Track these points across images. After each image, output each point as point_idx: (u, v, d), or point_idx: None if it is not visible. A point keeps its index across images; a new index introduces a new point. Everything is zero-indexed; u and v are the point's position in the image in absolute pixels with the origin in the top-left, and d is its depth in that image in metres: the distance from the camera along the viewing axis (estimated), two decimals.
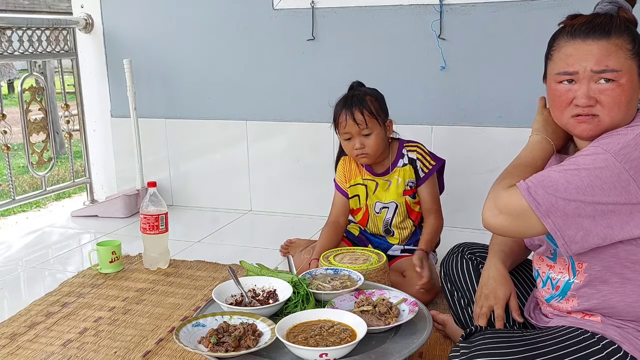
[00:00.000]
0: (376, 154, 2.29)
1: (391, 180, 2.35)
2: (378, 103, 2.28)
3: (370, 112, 2.24)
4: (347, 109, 2.24)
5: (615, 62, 1.26)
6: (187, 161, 3.56)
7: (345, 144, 2.31)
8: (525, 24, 2.77)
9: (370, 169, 2.38)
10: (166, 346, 1.90)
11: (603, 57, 1.26)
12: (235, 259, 2.58)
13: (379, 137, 2.27)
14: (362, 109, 2.23)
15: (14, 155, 4.75)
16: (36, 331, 2.03)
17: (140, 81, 3.43)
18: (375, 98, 2.30)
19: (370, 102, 2.26)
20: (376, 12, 3.02)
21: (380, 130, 2.26)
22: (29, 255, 2.84)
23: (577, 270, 1.33)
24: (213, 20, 3.33)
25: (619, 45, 1.26)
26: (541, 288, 1.45)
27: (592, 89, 1.27)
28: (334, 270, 1.92)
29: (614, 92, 1.26)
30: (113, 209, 3.38)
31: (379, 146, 2.28)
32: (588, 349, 1.25)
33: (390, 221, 2.38)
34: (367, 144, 2.25)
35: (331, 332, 1.52)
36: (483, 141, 2.96)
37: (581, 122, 1.30)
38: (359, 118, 2.23)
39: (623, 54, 1.26)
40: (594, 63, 1.26)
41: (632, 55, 1.27)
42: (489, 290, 1.55)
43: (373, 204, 2.39)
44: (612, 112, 1.27)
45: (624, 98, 1.26)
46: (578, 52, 1.28)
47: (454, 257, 1.73)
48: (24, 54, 3.25)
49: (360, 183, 2.40)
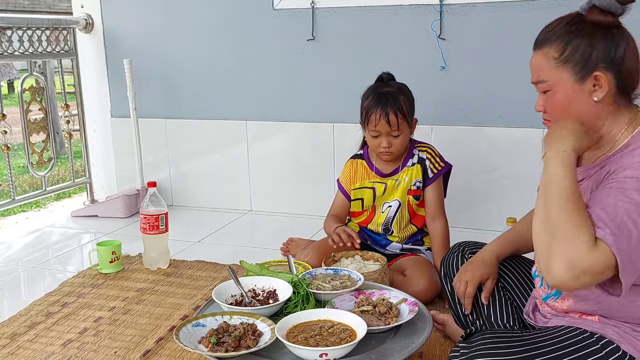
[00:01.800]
0: (399, 153, 2.30)
1: (399, 179, 2.33)
2: (409, 102, 2.27)
3: (403, 115, 2.21)
4: (382, 109, 2.19)
5: (543, 73, 1.30)
6: (187, 161, 3.56)
7: (372, 140, 2.28)
8: (525, 24, 2.76)
9: (379, 172, 2.37)
10: (165, 346, 1.90)
11: (535, 69, 1.32)
12: (235, 259, 2.58)
13: (406, 138, 2.27)
14: (397, 111, 2.19)
15: (14, 155, 4.75)
16: (36, 331, 2.03)
17: (140, 81, 3.43)
18: (407, 97, 2.27)
19: (403, 102, 2.23)
20: (376, 12, 3.02)
21: (408, 130, 2.27)
22: (29, 255, 2.84)
23: None
24: (213, 20, 3.33)
25: (546, 54, 1.29)
26: (539, 287, 1.45)
27: (542, 98, 1.33)
28: (334, 270, 1.93)
29: (549, 102, 1.31)
30: (113, 209, 3.38)
31: (403, 146, 2.28)
32: (587, 348, 1.26)
33: (391, 220, 2.36)
34: (394, 144, 2.24)
35: (331, 332, 1.52)
36: (483, 141, 2.96)
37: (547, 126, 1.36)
38: (393, 120, 2.19)
39: (548, 63, 1.29)
40: (532, 75, 1.33)
41: (558, 63, 1.27)
42: (470, 267, 1.63)
43: (381, 205, 2.37)
44: (556, 117, 1.31)
45: (559, 106, 1.29)
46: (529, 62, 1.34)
47: (454, 256, 1.73)
48: (24, 54, 3.25)
49: (368, 187, 2.37)
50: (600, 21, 1.26)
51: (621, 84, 1.27)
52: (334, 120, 3.20)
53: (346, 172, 2.44)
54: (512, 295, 1.64)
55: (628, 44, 1.27)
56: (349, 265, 2.13)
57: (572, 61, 1.26)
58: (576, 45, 1.26)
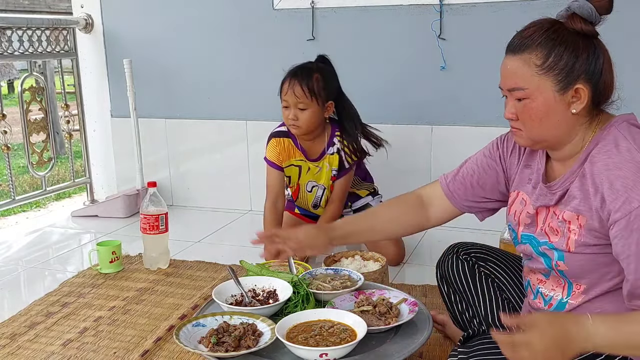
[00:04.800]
0: (307, 129, 2.39)
1: (321, 166, 2.46)
2: (324, 82, 2.35)
3: (311, 90, 2.32)
4: (291, 79, 2.35)
5: (521, 79, 1.25)
6: (187, 161, 3.56)
7: (283, 110, 2.41)
8: (525, 24, 2.76)
9: (305, 153, 2.48)
10: (164, 346, 1.90)
11: (511, 75, 1.27)
12: (235, 259, 2.57)
13: (314, 115, 2.35)
14: (305, 85, 2.32)
15: (14, 155, 4.75)
16: (36, 331, 2.03)
17: (140, 81, 3.43)
18: (323, 77, 2.36)
19: (316, 80, 2.34)
20: (376, 12, 3.02)
21: (316, 108, 2.35)
22: (29, 255, 2.84)
23: (574, 292, 1.31)
24: (213, 20, 3.33)
25: (527, 61, 1.24)
26: (532, 300, 1.43)
27: (513, 105, 1.29)
28: (334, 270, 1.93)
29: (524, 109, 1.27)
30: (113, 209, 3.38)
31: (311, 123, 2.37)
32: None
33: (320, 200, 2.58)
34: (300, 118, 2.35)
35: (331, 332, 1.52)
36: (483, 141, 2.94)
37: (512, 133, 1.35)
38: (298, 91, 2.32)
39: (529, 70, 1.24)
40: (505, 81, 1.29)
41: (540, 71, 1.23)
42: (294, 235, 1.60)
43: (305, 183, 2.51)
44: (528, 127, 1.28)
45: (535, 115, 1.26)
46: (502, 67, 1.31)
47: (449, 258, 1.71)
48: (24, 54, 3.25)
49: (294, 164, 2.50)
50: (582, 29, 1.24)
51: (597, 97, 1.26)
52: None
53: (272, 149, 2.53)
54: (508, 295, 1.64)
55: (605, 56, 1.26)
56: (349, 265, 2.13)
57: (555, 70, 1.23)
58: (559, 53, 1.22)
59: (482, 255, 1.67)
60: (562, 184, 1.29)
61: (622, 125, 1.25)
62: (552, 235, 1.31)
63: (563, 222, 1.28)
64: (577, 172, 1.26)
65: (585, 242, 1.24)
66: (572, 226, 1.26)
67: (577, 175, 1.26)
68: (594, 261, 1.24)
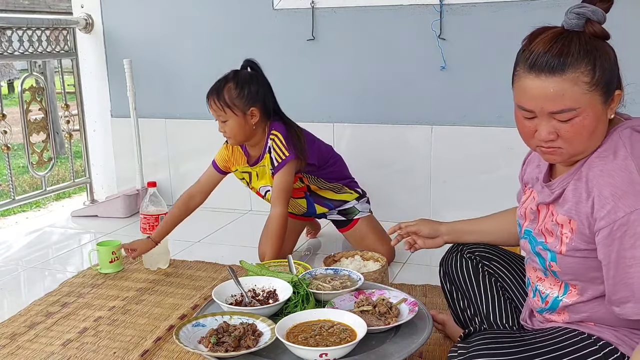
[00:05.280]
0: (239, 139, 2.36)
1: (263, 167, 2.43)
2: (238, 91, 2.30)
3: (223, 102, 2.29)
4: (208, 96, 2.33)
5: (571, 100, 1.16)
6: (187, 161, 3.56)
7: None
8: (525, 24, 2.73)
9: (249, 159, 2.46)
10: (164, 346, 1.90)
11: (558, 97, 1.17)
12: (235, 259, 2.58)
13: (237, 125, 2.31)
14: (215, 99, 2.30)
15: (14, 155, 4.75)
16: (36, 331, 2.03)
17: (140, 81, 3.43)
18: (237, 85, 2.31)
19: (228, 91, 2.30)
20: (376, 12, 3.02)
21: (237, 118, 2.30)
22: (29, 255, 2.84)
23: (570, 291, 1.32)
24: (213, 20, 3.33)
25: (575, 80, 1.16)
26: (532, 298, 1.44)
27: (552, 125, 1.20)
28: (334, 270, 1.93)
29: (573, 128, 1.19)
30: (113, 209, 3.38)
31: (239, 133, 2.33)
32: (586, 349, 1.26)
33: None
34: (226, 130, 2.33)
35: (331, 332, 1.52)
36: (483, 141, 2.96)
37: (545, 153, 1.26)
38: (213, 106, 2.32)
39: (579, 89, 1.16)
40: (549, 104, 1.18)
41: (590, 88, 1.16)
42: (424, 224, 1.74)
43: (258, 188, 2.49)
44: (574, 144, 1.21)
45: (585, 132, 1.19)
46: (532, 88, 1.19)
47: (452, 256, 1.72)
48: (24, 54, 3.25)
49: (245, 171, 2.48)
50: (602, 34, 1.21)
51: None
52: (334, 120, 3.21)
53: (220, 153, 2.50)
54: (510, 295, 1.64)
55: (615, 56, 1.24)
56: (349, 265, 2.13)
57: (602, 83, 1.17)
58: (601, 65, 1.17)
59: (486, 255, 1.67)
60: (559, 183, 1.30)
61: (626, 132, 1.23)
62: (547, 236, 1.32)
63: (556, 225, 1.29)
64: (574, 174, 1.26)
65: (575, 246, 1.25)
66: (564, 230, 1.27)
67: (574, 178, 1.26)
68: (585, 265, 1.25)
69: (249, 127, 2.33)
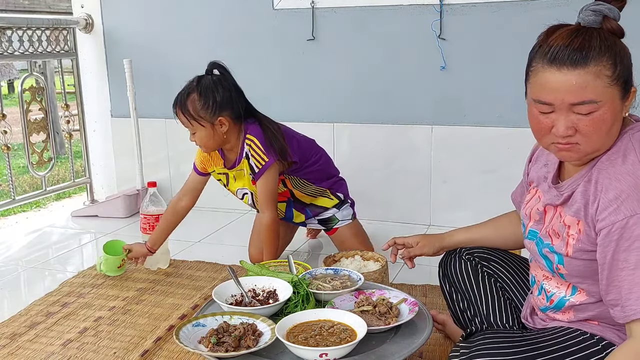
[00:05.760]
0: (209, 147, 2.30)
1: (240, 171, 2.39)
2: (202, 102, 2.21)
3: (189, 115, 2.22)
4: (174, 108, 2.28)
5: (593, 93, 1.16)
6: (187, 161, 3.53)
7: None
8: (525, 24, 2.76)
9: (225, 162, 2.41)
10: (164, 346, 1.90)
11: (580, 90, 1.16)
12: (235, 259, 2.58)
13: (207, 135, 2.25)
14: (180, 112, 2.24)
15: (14, 155, 4.75)
16: (36, 331, 2.03)
17: (140, 81, 3.42)
18: (201, 95, 2.22)
19: (192, 102, 2.22)
20: (376, 12, 3.02)
21: (205, 129, 2.23)
22: (29, 255, 2.84)
23: (579, 292, 1.32)
24: (213, 20, 3.33)
25: (597, 73, 1.16)
26: (536, 296, 1.44)
27: (570, 119, 1.19)
28: (334, 270, 1.93)
29: (593, 122, 1.18)
30: (113, 209, 3.38)
31: (207, 142, 2.27)
32: (588, 349, 1.26)
33: (254, 204, 2.48)
34: (197, 140, 2.28)
35: (331, 332, 1.52)
36: (483, 141, 2.96)
37: (561, 150, 1.24)
38: (181, 119, 2.27)
39: (602, 82, 1.16)
40: (570, 96, 1.17)
41: (612, 82, 1.17)
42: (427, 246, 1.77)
43: (235, 191, 2.47)
44: (593, 140, 1.20)
45: (604, 126, 1.18)
46: (553, 82, 1.18)
47: (452, 257, 1.72)
48: (24, 54, 3.25)
49: (221, 172, 2.45)
50: (618, 30, 1.22)
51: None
52: (334, 120, 3.20)
53: (198, 155, 2.46)
54: (510, 295, 1.64)
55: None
56: (349, 265, 2.13)
57: (622, 78, 1.18)
58: (622, 60, 1.18)
59: (485, 255, 1.67)
60: (569, 185, 1.30)
61: (637, 135, 1.24)
62: (554, 238, 1.32)
63: (564, 226, 1.29)
64: (585, 176, 1.27)
65: (582, 248, 1.25)
66: (571, 231, 1.27)
67: (584, 180, 1.26)
68: (591, 267, 1.25)
69: (219, 136, 2.26)
